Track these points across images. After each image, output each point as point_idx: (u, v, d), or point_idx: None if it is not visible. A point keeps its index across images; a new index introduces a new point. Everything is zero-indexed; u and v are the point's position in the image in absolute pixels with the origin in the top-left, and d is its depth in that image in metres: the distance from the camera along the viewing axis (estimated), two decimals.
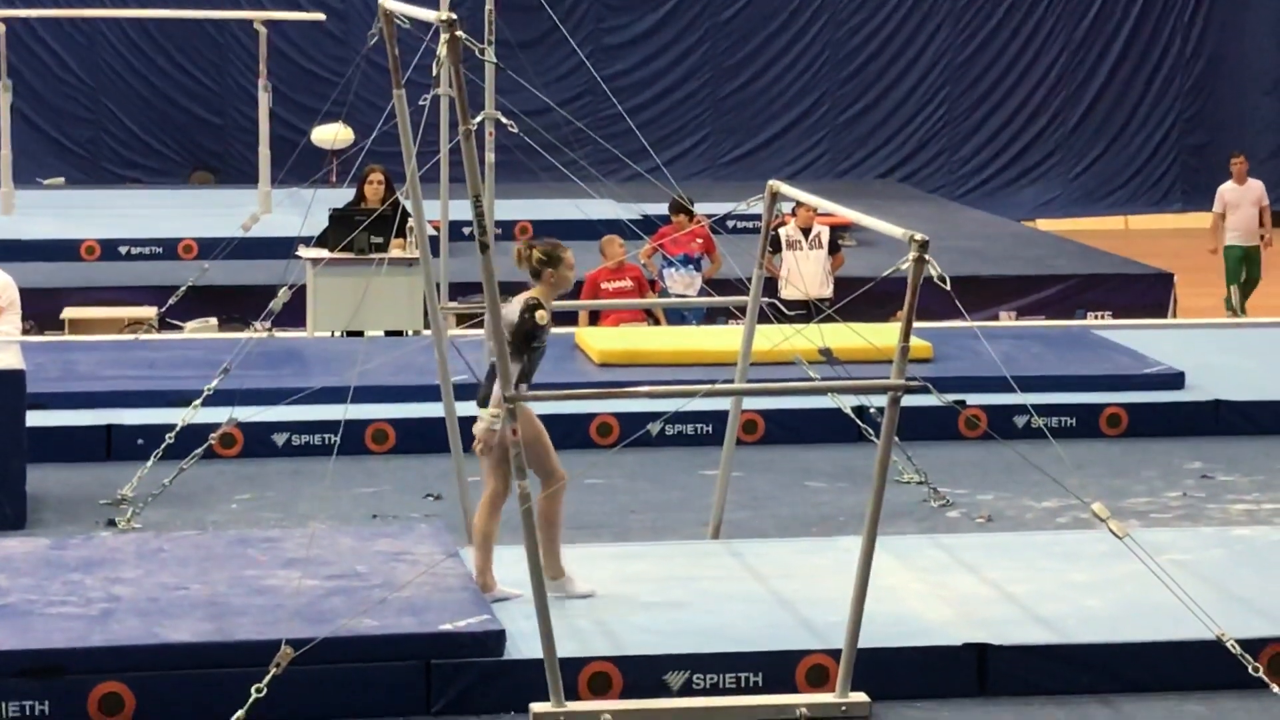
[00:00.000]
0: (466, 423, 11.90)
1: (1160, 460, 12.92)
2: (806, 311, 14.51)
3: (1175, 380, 14.09)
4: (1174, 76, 27.51)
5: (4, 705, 8.36)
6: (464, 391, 12.73)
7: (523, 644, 8.75)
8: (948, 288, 8.42)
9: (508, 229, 20.74)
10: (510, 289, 17.34)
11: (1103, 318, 18.76)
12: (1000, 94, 27.30)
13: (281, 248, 17.29)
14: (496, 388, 9.10)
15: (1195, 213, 27.41)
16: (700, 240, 17.69)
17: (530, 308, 9.42)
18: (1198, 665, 8.85)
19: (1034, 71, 27.33)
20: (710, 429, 12.85)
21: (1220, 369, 14.54)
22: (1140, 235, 25.81)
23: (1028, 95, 27.34)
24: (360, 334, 16.19)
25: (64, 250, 20.04)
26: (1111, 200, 27.48)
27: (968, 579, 9.89)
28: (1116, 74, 27.41)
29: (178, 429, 11.98)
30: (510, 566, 9.33)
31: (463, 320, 15.36)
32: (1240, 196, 19.80)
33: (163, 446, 11.93)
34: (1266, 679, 8.32)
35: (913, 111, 27.14)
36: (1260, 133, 27.33)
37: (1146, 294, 19.87)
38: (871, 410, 12.48)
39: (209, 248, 18.94)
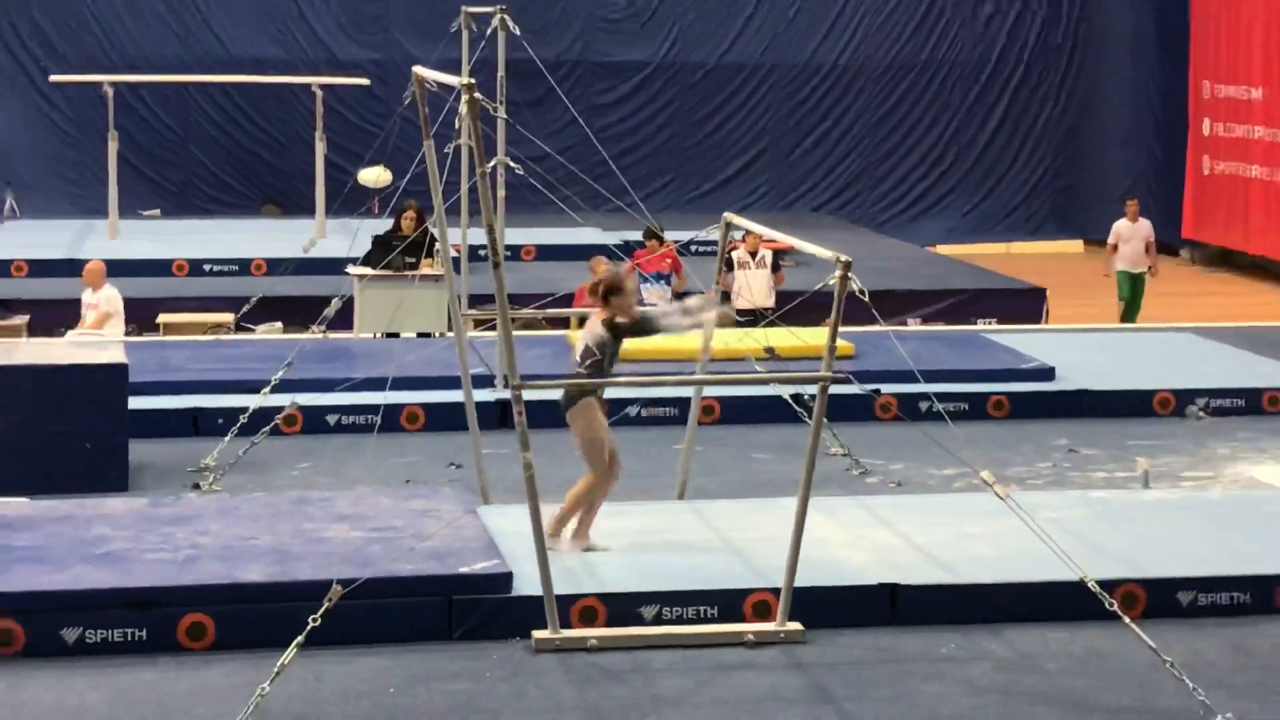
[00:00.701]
0: (483, 406, 11.90)
1: (1035, 438, 12.91)
2: (754, 318, 14.53)
3: (1047, 374, 14.07)
4: (1046, 132, 27.49)
5: (110, 632, 8.34)
6: (480, 381, 12.75)
7: (526, 583, 8.72)
8: (866, 299, 8.41)
9: (515, 251, 20.72)
10: (518, 300, 17.34)
11: (990, 324, 18.72)
12: (909, 144, 27.26)
13: (334, 266, 17.25)
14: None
15: (1064, 240, 27.44)
16: (669, 261, 17.67)
17: (610, 321, 9.27)
18: (1065, 601, 8.84)
19: (936, 126, 27.30)
20: (677, 411, 12.83)
21: (1084, 365, 14.52)
22: (1019, 258, 25.79)
23: (931, 146, 27.31)
24: (397, 335, 16.14)
25: (159, 268, 19.96)
26: (997, 230, 27.44)
27: (882, 532, 9.87)
28: (1001, 129, 27.40)
29: (250, 411, 11.95)
30: (520, 520, 9.28)
31: (479, 324, 15.32)
32: (1132, 232, 19.65)
33: (238, 425, 11.90)
34: (1119, 612, 8.30)
35: (840, 157, 27.11)
36: (1116, 177, 27.31)
37: (1024, 305, 19.83)
38: (806, 397, 12.47)
39: (276, 266, 18.89)
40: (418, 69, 10.36)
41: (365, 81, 24.05)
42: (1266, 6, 23.72)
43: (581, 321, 16.80)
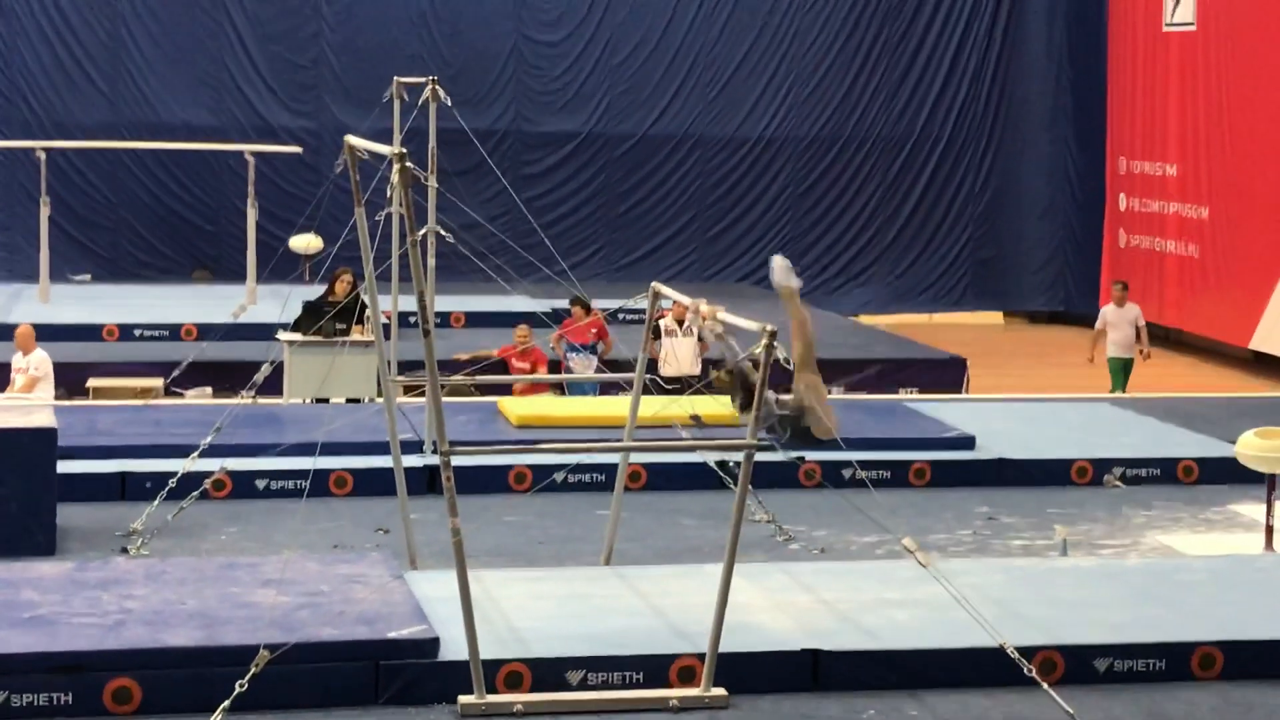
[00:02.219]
0: (411, 472, 11.87)
1: (956, 505, 12.97)
2: (680, 386, 14.55)
3: (968, 442, 14.14)
4: (967, 205, 27.72)
5: (36, 696, 8.24)
6: (409, 447, 12.71)
7: (453, 649, 8.68)
8: (791, 368, 8.45)
9: (445, 318, 20.70)
10: (447, 366, 17.30)
11: (911, 393, 18.81)
12: (832, 217, 27.43)
13: (264, 332, 17.17)
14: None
15: (984, 311, 27.64)
16: (595, 330, 17.73)
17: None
18: (985, 667, 8.88)
19: (859, 199, 27.48)
20: (604, 478, 12.81)
21: (1003, 434, 14.61)
22: (941, 328, 25.96)
23: (854, 218, 27.48)
24: (326, 401, 16.08)
25: (89, 332, 19.81)
26: (919, 300, 27.61)
27: (805, 597, 9.89)
28: (923, 202, 27.60)
29: (179, 475, 11.87)
30: (447, 585, 9.24)
31: (408, 390, 15.29)
32: (1120, 317, 19.22)
33: (167, 489, 11.82)
34: (1037, 678, 8.34)
35: (764, 229, 27.23)
36: (1034, 249, 27.57)
37: (945, 374, 19.92)
38: (731, 464, 12.49)
39: (206, 331, 18.79)
40: (350, 138, 10.38)
41: (297, 149, 24.04)
42: (1181, 85, 24.07)
43: (508, 389, 16.82)
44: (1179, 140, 24.14)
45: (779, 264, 9.29)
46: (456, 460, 8.49)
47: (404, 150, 8.69)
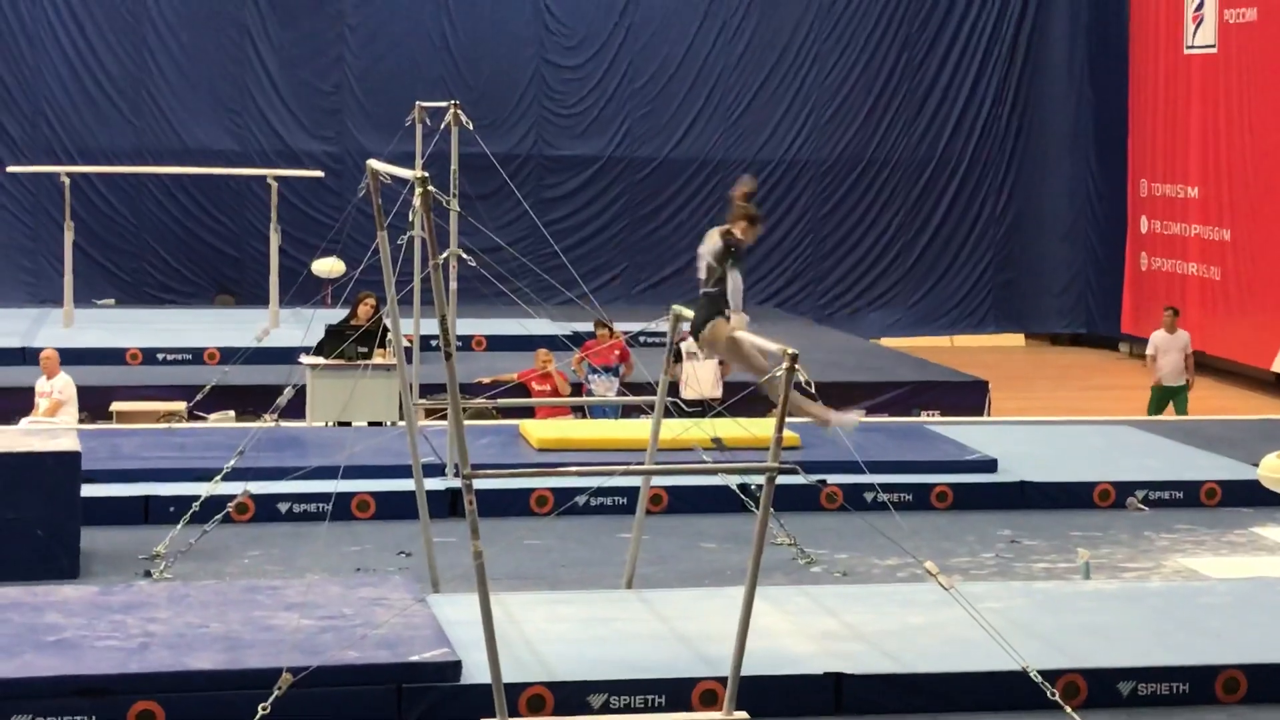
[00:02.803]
0: (433, 495, 11.87)
1: (978, 528, 12.94)
2: (702, 409, 14.56)
3: (990, 465, 14.11)
4: (988, 227, 27.71)
5: (60, 719, 8.25)
6: (431, 470, 12.72)
7: (475, 672, 8.67)
8: (812, 391, 8.44)
9: (466, 341, 20.73)
10: (469, 389, 17.29)
11: (933, 415, 18.78)
12: (854, 240, 27.43)
13: (287, 355, 17.21)
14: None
15: (1006, 334, 27.61)
16: (618, 353, 17.73)
17: (728, 233, 9.59)
18: (1008, 691, 8.85)
19: (879, 222, 27.49)
20: (625, 501, 12.79)
21: (1025, 456, 14.58)
22: (962, 351, 25.94)
23: (875, 241, 27.48)
24: (348, 424, 16.10)
25: (113, 356, 19.87)
26: (940, 323, 27.59)
27: (828, 621, 9.87)
28: (944, 224, 27.60)
29: (202, 499, 11.88)
30: (469, 608, 9.24)
31: (430, 414, 15.32)
32: (1169, 344, 18.70)
33: (190, 513, 11.83)
34: (1061, 702, 8.31)
35: (786, 252, 27.24)
36: (1056, 271, 27.54)
37: (967, 397, 19.89)
38: (753, 487, 12.47)
39: (229, 355, 18.80)
40: (372, 162, 10.40)
41: (319, 174, 24.12)
42: (1202, 108, 24.05)
43: (531, 411, 16.85)
44: (1200, 163, 24.11)
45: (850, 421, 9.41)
46: (478, 483, 8.48)
47: (426, 174, 8.70)
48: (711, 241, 9.47)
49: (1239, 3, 23.24)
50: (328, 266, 21.54)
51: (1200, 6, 24.11)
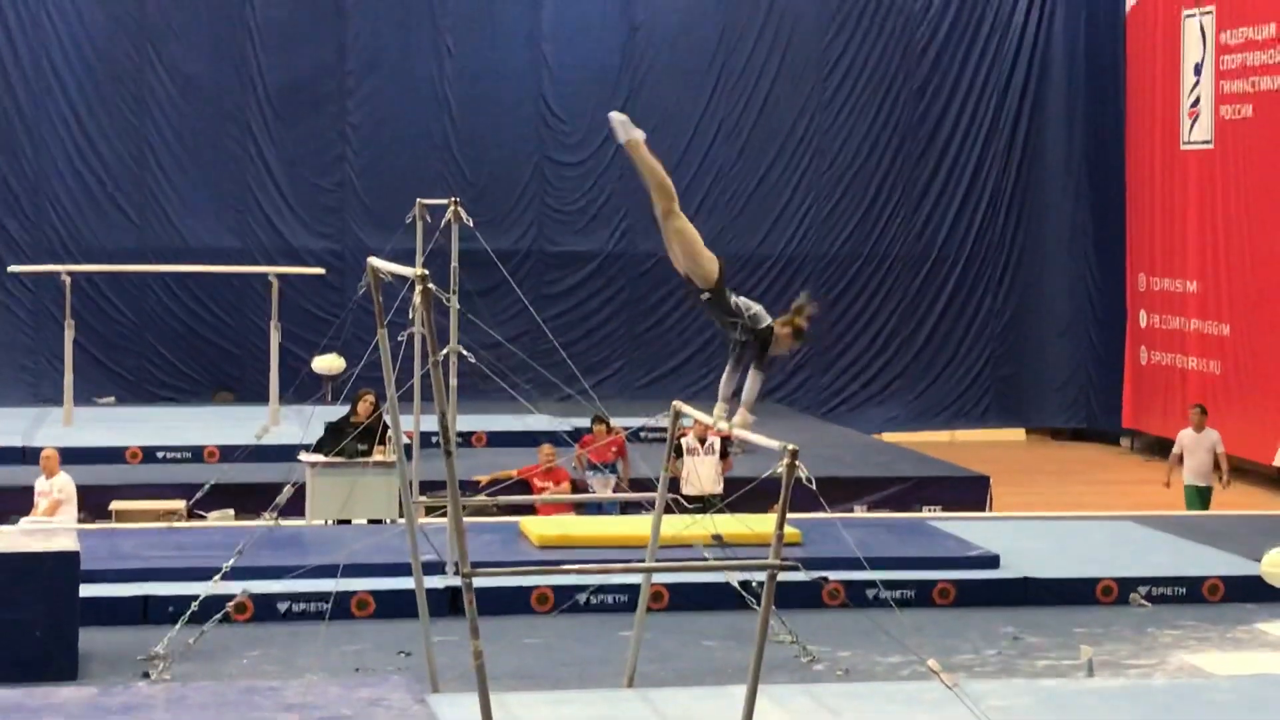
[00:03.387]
0: (433, 593, 11.82)
1: (981, 625, 12.88)
2: (703, 505, 14.53)
3: (992, 561, 14.07)
4: (988, 322, 27.76)
5: None
6: (431, 568, 12.67)
7: None
8: (813, 487, 8.44)
9: (467, 438, 20.71)
10: (468, 487, 17.28)
11: (935, 511, 18.75)
12: (854, 334, 27.47)
13: (286, 453, 17.19)
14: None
15: (1006, 428, 27.58)
16: (615, 449, 17.74)
17: (770, 329, 9.42)
18: None
19: (879, 317, 27.54)
20: (626, 598, 12.74)
21: (1027, 552, 14.53)
22: (963, 446, 25.91)
23: (875, 336, 27.52)
24: (348, 522, 16.06)
25: (112, 455, 19.84)
26: (941, 418, 27.57)
27: None
28: (943, 320, 27.64)
29: (201, 599, 11.84)
30: (470, 709, 9.18)
31: (430, 511, 15.28)
32: (1196, 443, 18.27)
33: (188, 613, 11.78)
34: None
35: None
36: (1056, 366, 27.56)
37: (969, 492, 19.86)
38: (754, 584, 12.43)
39: (228, 453, 18.81)
40: (372, 260, 10.44)
41: (321, 271, 24.17)
42: (1200, 203, 24.15)
43: (532, 509, 16.81)
44: (1199, 257, 24.18)
45: (617, 119, 9.57)
46: (478, 581, 8.45)
47: (426, 272, 8.73)
48: (763, 316, 9.39)
49: (1235, 99, 23.39)
50: (328, 363, 21.55)
51: (1196, 103, 24.27)
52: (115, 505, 17.89)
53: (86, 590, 11.60)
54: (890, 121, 27.33)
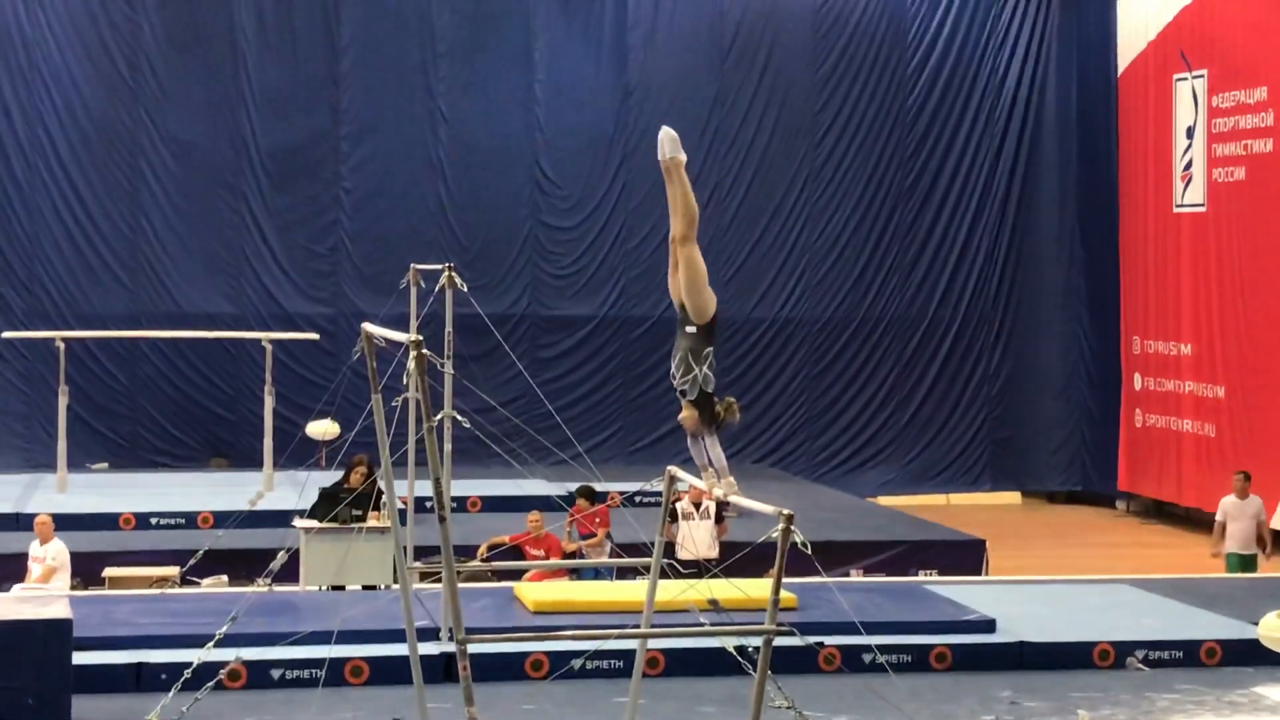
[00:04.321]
0: (427, 660, 11.78)
1: (977, 689, 12.84)
2: (698, 570, 14.50)
3: (988, 625, 14.04)
4: (982, 385, 27.78)
5: None
6: (425, 634, 12.63)
7: None
8: (809, 551, 8.42)
9: (461, 503, 20.67)
10: (464, 551, 17.24)
11: (930, 575, 18.71)
12: (847, 399, 27.49)
13: (280, 519, 17.17)
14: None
15: (1001, 492, 27.57)
16: (599, 519, 17.81)
17: (727, 407, 9.51)
18: None
19: (873, 381, 27.55)
20: (622, 664, 12.71)
21: (1023, 616, 14.51)
22: (958, 509, 25.88)
23: (869, 399, 27.54)
24: (342, 588, 16.02)
25: (106, 521, 19.81)
26: (936, 481, 27.56)
27: None
28: (938, 383, 27.67)
29: (194, 666, 11.79)
30: None
31: (425, 576, 15.23)
32: (1240, 510, 17.86)
33: (182, 680, 11.73)
34: None
35: (780, 410, 27.28)
36: (1051, 429, 27.57)
37: (964, 556, 19.83)
38: (750, 649, 12.38)
39: (222, 519, 18.78)
40: (366, 326, 10.45)
41: (315, 336, 24.19)
42: (1193, 265, 24.22)
43: (520, 574, 16.77)
44: (1193, 320, 24.24)
45: (668, 135, 9.53)
46: (473, 647, 8.43)
47: (420, 338, 8.75)
48: (707, 378, 9.43)
49: (1227, 162, 23.50)
50: (322, 429, 21.56)
51: (1189, 166, 24.38)
52: (108, 572, 17.85)
53: (79, 658, 11.56)
54: (883, 185, 27.44)
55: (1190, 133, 24.34)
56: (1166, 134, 24.87)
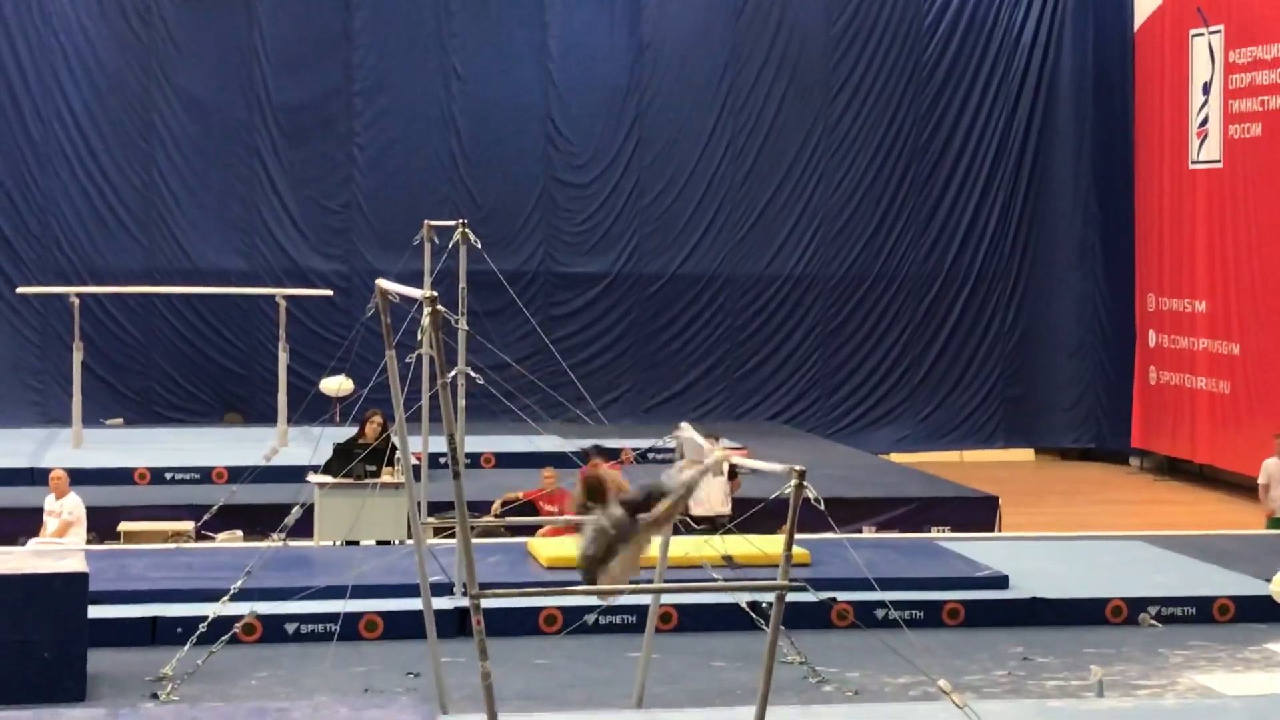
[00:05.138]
0: (441, 614, 11.83)
1: (990, 645, 12.88)
2: (711, 526, 14.54)
3: (1001, 581, 14.07)
4: (996, 342, 27.76)
5: None
6: (439, 589, 12.68)
7: None
8: (822, 507, 8.45)
9: (475, 459, 20.71)
10: (477, 507, 17.27)
11: (943, 531, 18.74)
12: (862, 355, 27.47)
13: (295, 474, 17.22)
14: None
15: (1015, 449, 27.57)
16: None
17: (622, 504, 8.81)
18: None
19: (888, 337, 27.54)
20: (635, 619, 12.75)
21: (1036, 573, 14.53)
22: (972, 466, 25.90)
23: (883, 356, 27.53)
24: (356, 543, 16.08)
25: (121, 476, 19.87)
26: (949, 438, 27.57)
27: None
28: (952, 340, 27.65)
29: (209, 620, 11.85)
30: None
31: (438, 532, 15.29)
32: None
33: (197, 634, 11.80)
34: None
35: (794, 368, 27.29)
36: (1065, 386, 27.56)
37: (977, 513, 19.85)
38: (763, 605, 12.43)
39: (237, 474, 18.83)
40: (380, 282, 10.47)
41: (328, 292, 24.22)
42: (1208, 222, 24.16)
43: (534, 530, 16.81)
44: (1208, 277, 24.19)
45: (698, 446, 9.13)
46: (486, 602, 8.47)
47: (434, 293, 8.77)
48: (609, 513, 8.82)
49: (1244, 118, 23.42)
50: (336, 385, 21.59)
51: (1205, 122, 24.30)
52: (123, 526, 17.92)
53: (95, 611, 11.61)
54: (898, 142, 27.37)
55: (1207, 89, 24.25)
56: (1183, 90, 24.78)
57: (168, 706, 10.63)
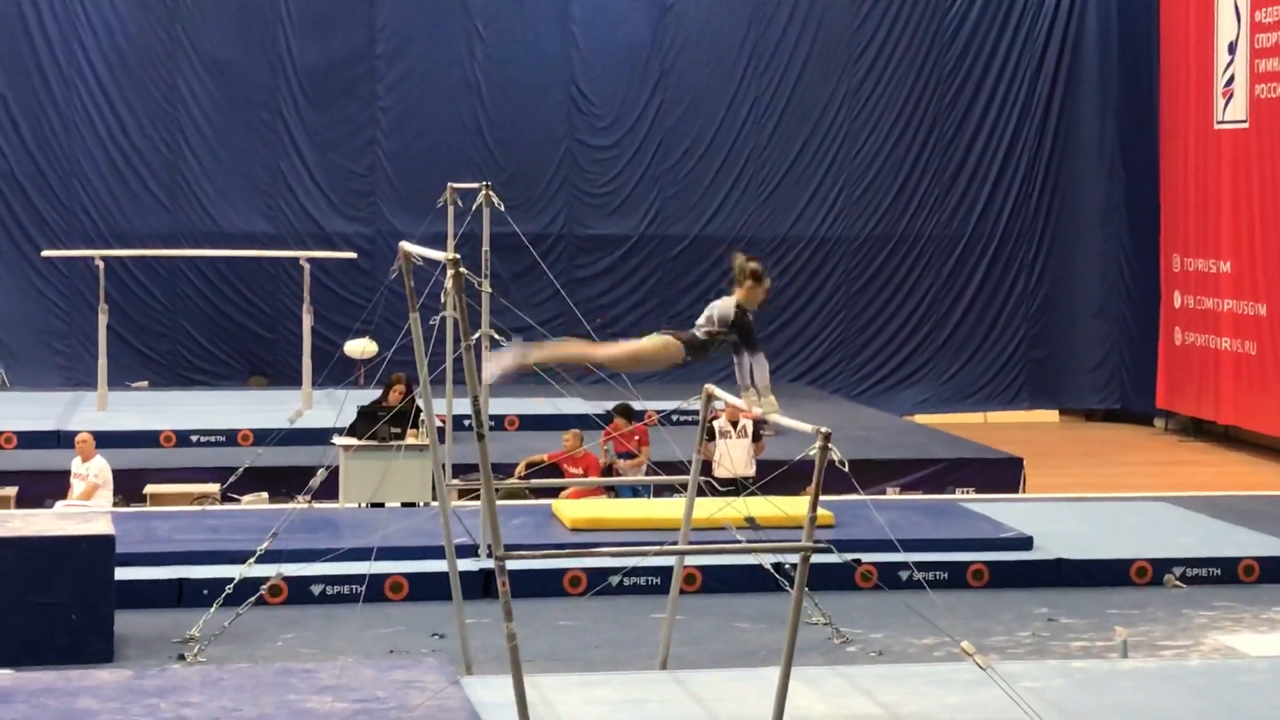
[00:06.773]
0: (466, 576, 11.86)
1: (1014, 606, 12.88)
2: (735, 488, 14.54)
3: (1025, 543, 14.06)
4: (1021, 304, 27.68)
5: None
6: (464, 551, 12.71)
7: None
8: (846, 469, 8.44)
9: (499, 421, 20.75)
10: (501, 469, 17.28)
11: (967, 493, 18.73)
12: (885, 316, 27.42)
13: (320, 437, 17.25)
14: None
15: (1039, 410, 27.52)
16: (638, 437, 17.84)
17: (740, 308, 9.52)
18: None
19: (912, 299, 27.48)
20: (659, 580, 12.78)
21: (1060, 534, 14.52)
22: (996, 428, 25.86)
23: (907, 318, 27.47)
24: (381, 505, 16.12)
25: (147, 439, 19.93)
26: (973, 400, 27.52)
27: (863, 702, 9.81)
28: (976, 301, 27.58)
29: (235, 581, 11.90)
30: (503, 691, 9.21)
31: (463, 494, 15.32)
32: None
33: (223, 596, 11.85)
34: None
35: (818, 329, 27.26)
36: (1089, 347, 27.48)
37: (1002, 474, 19.83)
38: (787, 566, 12.45)
39: (262, 436, 18.88)
40: (404, 244, 10.47)
41: (352, 255, 24.22)
42: (1234, 182, 24.04)
43: (558, 491, 16.85)
44: (1233, 237, 24.08)
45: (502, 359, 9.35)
46: (511, 564, 8.48)
47: (457, 256, 8.76)
48: (725, 304, 9.44)
49: (1269, 78, 23.28)
50: (360, 348, 21.61)
51: (1230, 82, 24.16)
52: (149, 489, 17.98)
53: (122, 573, 11.66)
54: (922, 103, 27.26)
55: (1232, 48, 24.10)
56: (1208, 49, 24.63)
57: (194, 668, 10.68)
